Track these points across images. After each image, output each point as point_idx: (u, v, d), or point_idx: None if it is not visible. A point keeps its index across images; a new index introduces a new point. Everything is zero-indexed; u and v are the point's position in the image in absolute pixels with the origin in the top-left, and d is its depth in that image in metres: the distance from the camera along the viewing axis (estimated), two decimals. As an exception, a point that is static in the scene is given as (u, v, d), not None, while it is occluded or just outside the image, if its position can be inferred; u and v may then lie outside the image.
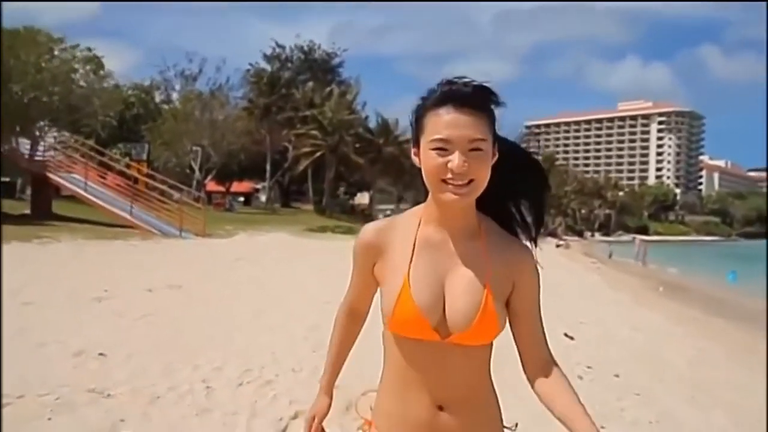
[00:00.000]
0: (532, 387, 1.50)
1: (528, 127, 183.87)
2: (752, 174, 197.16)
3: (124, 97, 37.71)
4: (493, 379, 1.52)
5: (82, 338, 5.47)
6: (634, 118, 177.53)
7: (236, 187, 54.04)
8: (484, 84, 1.38)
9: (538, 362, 1.50)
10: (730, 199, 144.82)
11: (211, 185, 45.05)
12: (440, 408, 1.45)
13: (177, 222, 18.32)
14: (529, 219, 1.53)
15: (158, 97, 45.34)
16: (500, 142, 1.43)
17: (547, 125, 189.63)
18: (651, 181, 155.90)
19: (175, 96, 44.30)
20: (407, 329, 1.41)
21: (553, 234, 49.24)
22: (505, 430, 1.55)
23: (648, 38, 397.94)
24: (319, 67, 51.42)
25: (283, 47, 50.38)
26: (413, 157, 1.43)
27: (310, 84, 45.40)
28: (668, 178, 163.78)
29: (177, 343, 5.63)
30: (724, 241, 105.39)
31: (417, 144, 1.40)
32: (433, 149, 1.34)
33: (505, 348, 1.62)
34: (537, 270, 1.49)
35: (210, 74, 41.55)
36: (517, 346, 1.51)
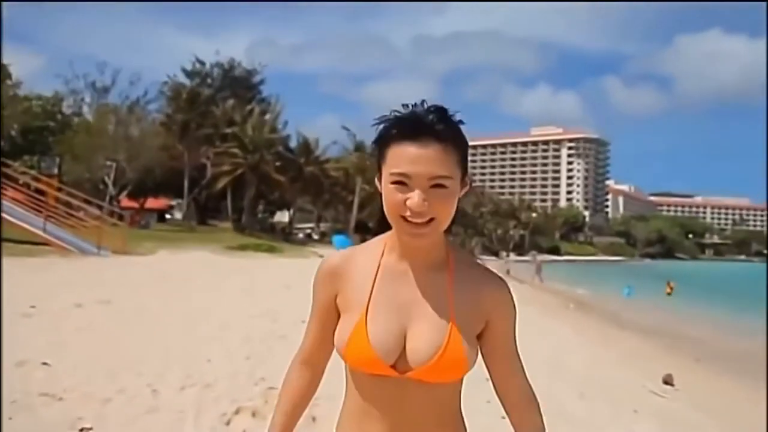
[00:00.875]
0: (511, 422, 1.47)
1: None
2: (652, 198, 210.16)
3: (30, 108, 36.47)
4: (464, 415, 1.44)
5: (22, 350, 5.72)
6: (546, 143, 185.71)
7: (150, 203, 52.91)
8: (452, 114, 1.32)
9: (517, 396, 1.45)
10: (633, 221, 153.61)
11: (125, 201, 43.94)
12: None
13: (94, 239, 18.12)
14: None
15: (66, 109, 43.94)
16: None
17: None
18: (562, 203, 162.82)
19: (85, 109, 43.14)
20: (361, 365, 1.34)
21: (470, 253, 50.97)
22: None
23: (557, 67, 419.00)
24: (240, 85, 51.41)
25: (203, 63, 50.14)
26: (377, 182, 1.35)
27: (231, 101, 45.37)
28: (578, 200, 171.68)
29: (117, 353, 5.97)
30: (628, 261, 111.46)
31: (380, 172, 1.32)
32: (393, 183, 1.27)
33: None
34: (513, 304, 1.42)
35: (123, 86, 40.76)
36: (494, 383, 1.45)
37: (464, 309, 1.35)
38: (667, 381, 8.47)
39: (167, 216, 55.86)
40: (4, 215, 18.49)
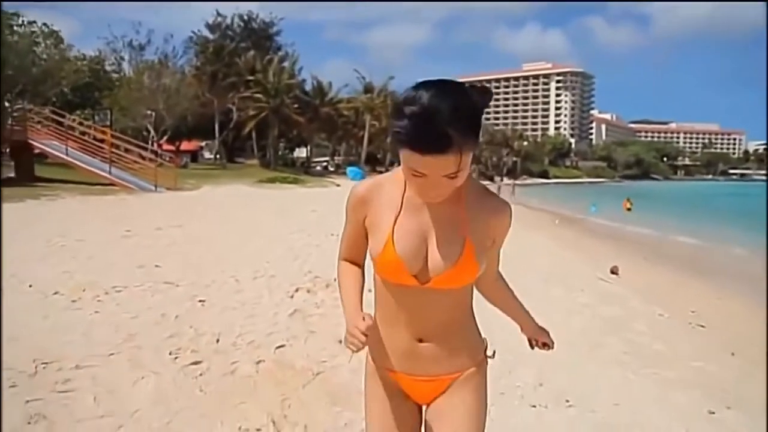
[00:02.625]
0: (483, 295, 1.65)
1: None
2: (632, 125, 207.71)
3: (79, 68, 37.02)
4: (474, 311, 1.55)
5: (134, 259, 7.08)
6: (536, 77, 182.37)
7: (185, 145, 53.85)
8: (459, 107, 1.22)
9: (491, 279, 1.63)
10: (614, 147, 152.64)
11: (165, 145, 44.86)
12: (420, 340, 1.48)
13: (151, 178, 19.35)
14: None
15: (108, 67, 44.32)
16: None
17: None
18: (551, 132, 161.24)
19: (125, 65, 43.55)
20: (390, 275, 1.43)
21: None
22: (485, 357, 1.59)
23: (544, 8, 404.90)
24: (258, 35, 51.23)
25: (224, 16, 49.89)
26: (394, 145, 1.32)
27: (251, 52, 45.52)
28: (565, 129, 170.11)
29: (200, 258, 7.33)
30: (609, 182, 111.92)
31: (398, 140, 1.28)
32: (411, 174, 1.29)
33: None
34: (510, 222, 1.50)
35: (157, 44, 41.13)
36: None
37: (476, 229, 1.42)
38: (614, 271, 9.77)
39: (199, 156, 56.89)
40: (73, 160, 19.72)
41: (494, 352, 1.61)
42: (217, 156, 49.32)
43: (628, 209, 29.02)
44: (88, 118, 31.60)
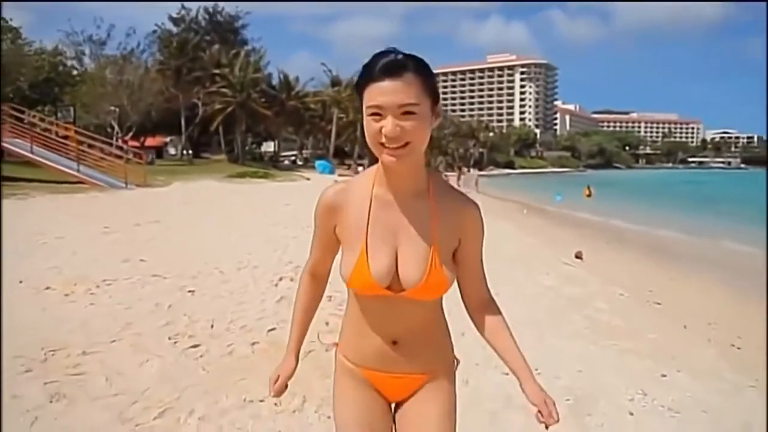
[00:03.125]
0: (473, 321, 1.56)
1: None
2: (595, 115, 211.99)
3: (39, 62, 36.17)
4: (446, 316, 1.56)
5: (120, 254, 7.25)
6: (501, 69, 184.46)
7: (149, 141, 53.10)
8: (415, 55, 1.34)
9: (479, 300, 1.54)
10: (578, 137, 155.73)
11: (129, 141, 44.15)
12: (394, 342, 1.50)
13: (121, 175, 19.21)
14: None
15: (68, 62, 43.34)
16: None
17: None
18: (516, 123, 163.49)
19: (86, 60, 42.66)
20: (363, 290, 1.44)
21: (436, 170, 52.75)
22: (454, 360, 1.61)
23: (507, 3, 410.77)
24: (224, 29, 50.76)
25: (188, 9, 49.25)
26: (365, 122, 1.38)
27: (217, 46, 45.11)
28: (530, 120, 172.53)
29: (183, 252, 7.55)
30: (573, 171, 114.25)
31: (362, 113, 1.36)
32: (370, 115, 1.31)
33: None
34: (482, 223, 1.49)
35: (119, 38, 40.43)
36: (459, 285, 1.53)
37: (444, 233, 1.43)
38: (578, 255, 10.31)
39: (164, 152, 56.14)
40: (40, 159, 19.43)
41: (458, 362, 1.62)
42: (183, 152, 48.80)
43: (588, 196, 30.05)
44: (48, 114, 30.98)
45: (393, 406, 1.60)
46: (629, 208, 22.82)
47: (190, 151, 48.17)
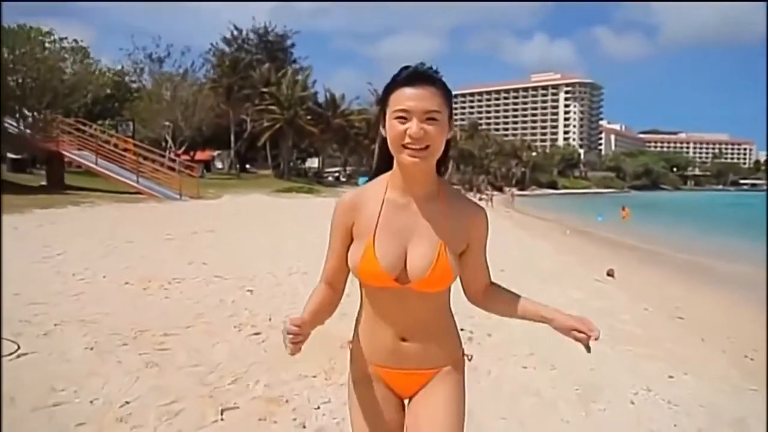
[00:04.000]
0: (480, 304, 1.67)
1: (454, 96, 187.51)
2: (641, 135, 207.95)
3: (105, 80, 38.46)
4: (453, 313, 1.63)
5: (184, 257, 8.07)
6: (545, 88, 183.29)
7: (198, 155, 55.29)
8: (434, 69, 1.50)
9: (483, 286, 1.65)
10: (622, 157, 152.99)
11: (181, 155, 46.16)
12: (403, 339, 1.58)
13: (176, 187, 20.43)
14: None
15: (128, 78, 45.80)
16: None
17: (471, 94, 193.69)
18: (560, 143, 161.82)
19: (144, 77, 45.00)
20: (370, 279, 1.52)
21: (478, 190, 53.06)
22: (464, 357, 1.67)
23: (551, 19, 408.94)
24: (273, 48, 52.64)
25: (240, 30, 51.38)
26: (381, 129, 1.51)
27: (266, 65, 46.88)
28: (574, 140, 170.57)
29: (239, 257, 8.32)
30: (618, 192, 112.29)
31: (384, 118, 1.48)
32: (396, 118, 1.43)
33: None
34: (487, 225, 1.59)
35: (175, 56, 42.60)
36: (461, 278, 1.61)
37: (452, 233, 1.52)
38: (610, 273, 10.62)
39: (211, 166, 58.23)
40: (103, 170, 20.85)
41: (471, 357, 1.70)
42: (232, 166, 50.57)
43: (624, 217, 30.05)
44: (108, 128, 32.88)
45: (406, 402, 1.67)
46: (667, 230, 22.78)
47: (237, 166, 49.96)
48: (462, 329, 1.73)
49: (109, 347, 4.11)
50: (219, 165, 59.09)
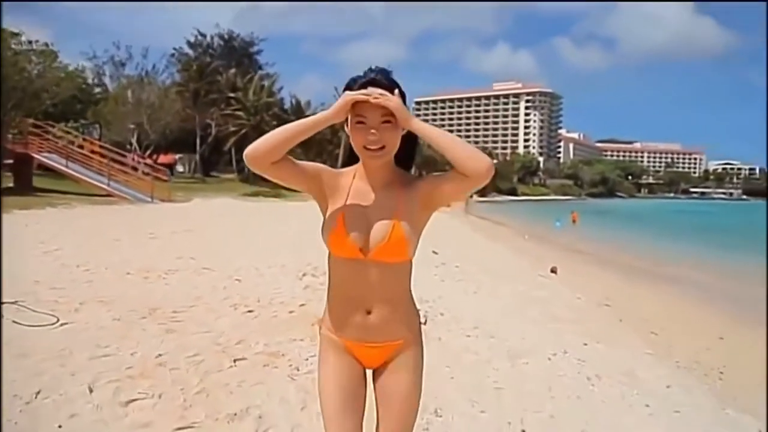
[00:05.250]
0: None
1: (417, 103, 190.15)
2: (599, 144, 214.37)
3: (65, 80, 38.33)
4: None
5: (170, 252, 8.92)
6: (506, 96, 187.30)
7: (161, 159, 55.19)
8: (388, 71, 1.73)
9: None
10: (580, 165, 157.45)
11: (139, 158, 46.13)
12: (368, 312, 1.79)
13: (147, 190, 21.00)
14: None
15: (89, 80, 45.58)
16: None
17: (435, 101, 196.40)
18: (520, 150, 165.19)
19: (106, 80, 44.91)
20: (339, 249, 1.76)
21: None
22: (421, 325, 1.94)
23: (513, 29, 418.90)
24: (239, 53, 53.15)
25: (204, 35, 51.72)
26: (345, 128, 1.75)
27: (233, 70, 47.43)
28: (534, 148, 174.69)
29: (221, 254, 9.22)
30: (575, 199, 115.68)
31: (347, 121, 1.72)
32: (356, 123, 1.69)
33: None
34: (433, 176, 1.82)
35: (137, 59, 42.69)
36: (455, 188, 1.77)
37: (408, 210, 1.76)
38: (553, 271, 11.88)
39: (174, 170, 58.18)
40: (74, 173, 21.25)
41: (426, 320, 2.36)
42: (196, 169, 50.78)
43: (574, 222, 32.09)
44: (70, 131, 32.87)
45: (371, 372, 1.89)
46: (616, 235, 24.57)
47: (201, 170, 50.16)
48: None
49: (131, 319, 5.05)
50: (180, 169, 58.99)
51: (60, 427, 3.02)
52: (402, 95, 1.71)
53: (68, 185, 21.94)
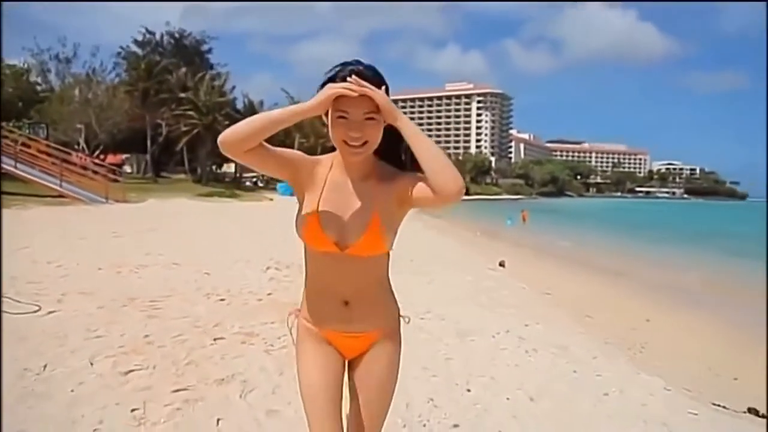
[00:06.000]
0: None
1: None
2: (549, 144, 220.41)
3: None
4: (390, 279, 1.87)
5: (136, 249, 9.27)
6: (458, 97, 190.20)
7: (109, 159, 54.00)
8: (374, 66, 1.64)
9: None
10: (531, 165, 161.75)
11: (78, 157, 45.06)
12: (345, 303, 1.77)
13: (100, 191, 20.86)
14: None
15: (32, 78, 44.33)
16: None
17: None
18: (472, 150, 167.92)
19: (51, 77, 43.80)
20: (313, 243, 1.72)
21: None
22: (400, 319, 1.91)
23: (464, 30, 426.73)
24: (189, 52, 52.55)
25: (153, 33, 50.92)
26: (324, 118, 1.66)
27: (183, 69, 46.94)
28: (485, 148, 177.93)
29: (189, 251, 9.62)
30: (526, 199, 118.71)
31: (326, 112, 1.64)
32: (337, 117, 1.61)
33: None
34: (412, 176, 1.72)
35: (84, 57, 41.91)
36: (427, 194, 1.68)
37: (385, 203, 1.72)
38: (502, 264, 12.73)
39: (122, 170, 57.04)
40: (24, 174, 20.90)
41: (409, 319, 1.92)
42: (145, 170, 50.00)
43: (524, 220, 33.49)
44: (13, 130, 32.01)
45: (348, 361, 1.88)
46: (564, 231, 25.97)
47: (152, 170, 49.41)
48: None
49: (114, 307, 5.51)
50: (128, 169, 57.86)
51: (72, 391, 3.51)
52: (387, 91, 1.66)
53: (16, 186, 21.54)
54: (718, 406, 4.55)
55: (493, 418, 3.67)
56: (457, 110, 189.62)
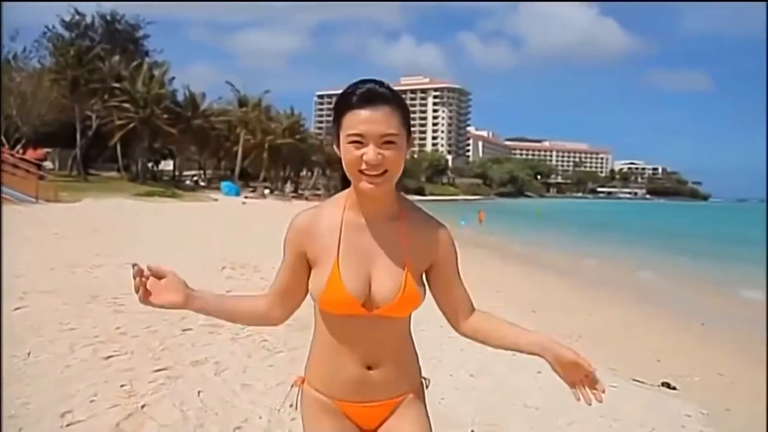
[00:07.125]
0: (468, 335, 1.72)
1: (320, 96, 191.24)
2: (508, 143, 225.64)
3: None
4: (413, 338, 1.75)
5: (86, 250, 9.78)
6: (413, 91, 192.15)
7: (29, 154, 52.52)
8: (392, 85, 1.52)
9: (468, 315, 1.71)
10: (489, 164, 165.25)
11: (7, 153, 43.77)
12: (369, 368, 1.60)
13: (32, 190, 20.84)
14: None
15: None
16: None
17: (338, 95, 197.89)
18: (428, 148, 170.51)
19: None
20: (338, 308, 1.54)
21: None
22: (422, 380, 1.75)
23: (417, 23, 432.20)
24: (123, 38, 51.78)
25: (83, 15, 49.85)
26: (335, 148, 1.52)
27: (117, 57, 46.29)
28: (442, 145, 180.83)
29: (141, 251, 10.18)
30: (484, 199, 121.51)
31: (338, 139, 1.49)
32: (350, 143, 1.45)
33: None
34: (453, 244, 1.65)
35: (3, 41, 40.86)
36: (443, 310, 1.69)
37: (416, 254, 1.58)
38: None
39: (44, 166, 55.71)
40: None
41: (428, 381, 1.78)
42: (73, 167, 49.06)
43: (480, 221, 35.21)
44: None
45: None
46: (517, 232, 27.53)
47: (77, 167, 48.51)
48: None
49: (79, 303, 6.13)
50: (50, 165, 56.50)
51: (61, 372, 4.19)
52: (407, 115, 1.54)
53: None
54: (637, 381, 5.57)
55: (437, 390, 4.53)
56: (413, 105, 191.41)
